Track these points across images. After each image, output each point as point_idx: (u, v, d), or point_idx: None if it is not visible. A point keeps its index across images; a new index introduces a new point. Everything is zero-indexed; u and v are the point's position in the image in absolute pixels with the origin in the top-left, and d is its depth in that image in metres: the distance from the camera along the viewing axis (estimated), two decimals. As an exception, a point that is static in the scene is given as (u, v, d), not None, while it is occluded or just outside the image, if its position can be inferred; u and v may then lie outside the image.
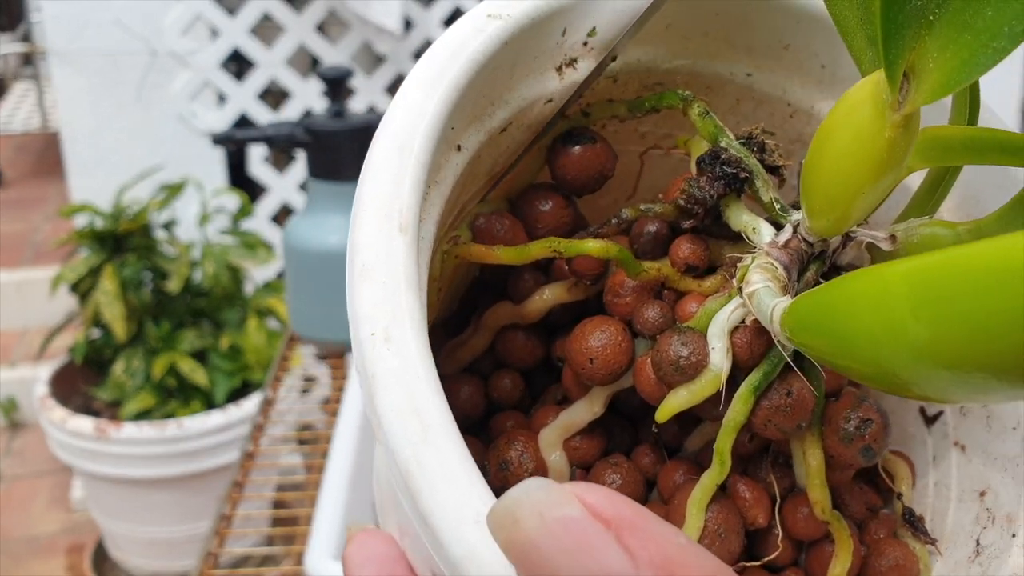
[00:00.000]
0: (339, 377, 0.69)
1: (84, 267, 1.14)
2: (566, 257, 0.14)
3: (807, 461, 0.14)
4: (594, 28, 0.14)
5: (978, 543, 0.15)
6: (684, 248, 0.14)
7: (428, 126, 0.12)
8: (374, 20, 1.33)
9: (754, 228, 0.14)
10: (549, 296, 0.15)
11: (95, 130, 1.38)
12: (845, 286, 0.10)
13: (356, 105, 1.46)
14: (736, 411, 0.13)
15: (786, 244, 0.13)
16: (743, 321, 0.13)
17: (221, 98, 1.41)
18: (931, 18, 0.10)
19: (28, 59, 2.98)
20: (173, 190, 1.21)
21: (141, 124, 1.39)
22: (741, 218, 0.14)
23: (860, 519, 0.16)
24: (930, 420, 0.17)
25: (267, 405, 0.65)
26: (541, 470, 0.15)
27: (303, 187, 1.46)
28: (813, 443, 0.14)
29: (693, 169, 0.15)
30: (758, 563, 0.15)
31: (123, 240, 1.16)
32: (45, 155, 2.68)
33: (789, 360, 0.13)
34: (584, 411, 0.15)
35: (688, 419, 0.14)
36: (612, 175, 0.16)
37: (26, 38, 2.77)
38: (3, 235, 2.04)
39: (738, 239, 0.14)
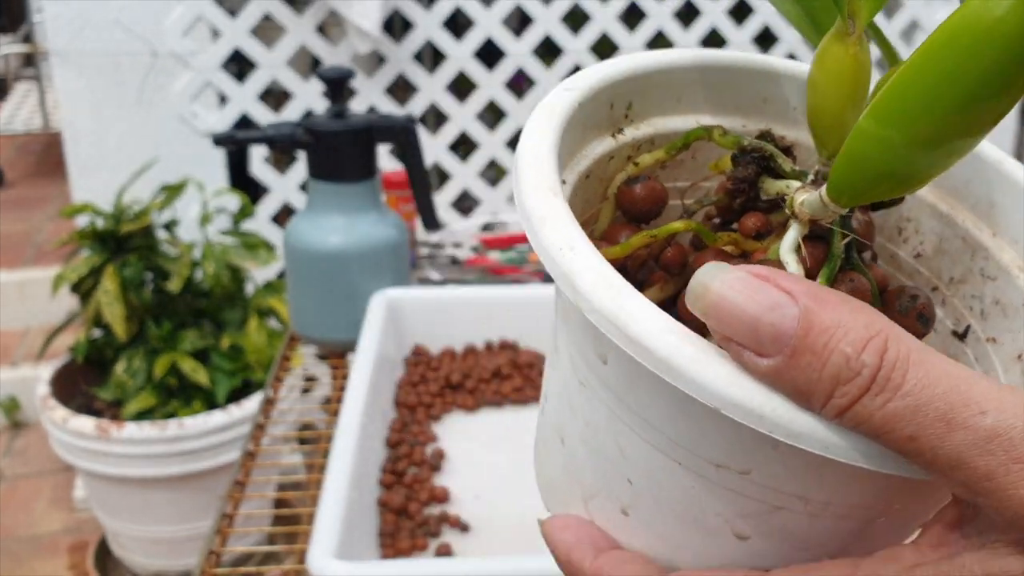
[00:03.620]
0: (340, 377, 0.69)
1: (85, 267, 1.15)
2: (659, 240, 0.18)
3: None
4: (630, 103, 0.20)
5: None
6: (751, 220, 0.19)
7: (549, 147, 0.17)
8: (353, 21, 1.34)
9: (787, 185, 0.18)
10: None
11: (96, 131, 1.38)
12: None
13: (357, 106, 1.46)
14: None
15: (813, 181, 0.17)
16: (801, 241, 0.17)
17: (222, 99, 1.42)
18: None
19: (29, 60, 2.98)
20: (174, 190, 1.21)
21: (142, 124, 1.39)
22: (776, 185, 0.18)
23: None
24: (962, 336, 0.19)
25: (268, 404, 0.65)
26: None
27: (303, 188, 1.46)
28: None
29: (729, 167, 0.19)
30: None
31: (124, 240, 1.17)
32: (46, 155, 2.68)
33: (838, 230, 0.17)
34: None
35: None
36: (666, 204, 0.20)
37: (27, 39, 2.77)
38: (5, 235, 2.04)
39: (777, 208, 0.18)
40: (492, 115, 1.59)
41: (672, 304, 0.18)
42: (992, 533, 0.14)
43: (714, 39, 1.66)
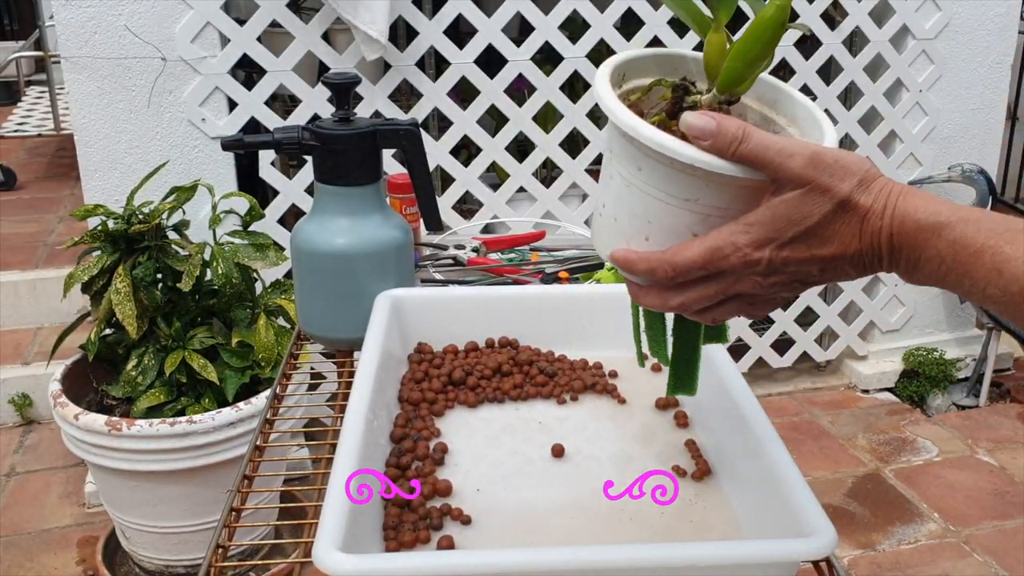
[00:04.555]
0: (346, 374, 0.71)
1: (96, 267, 1.17)
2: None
3: None
4: (624, 74, 0.40)
5: None
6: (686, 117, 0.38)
7: (607, 85, 0.38)
8: (362, 28, 1.36)
9: (696, 97, 0.39)
10: None
11: (107, 134, 1.41)
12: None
13: (362, 111, 1.49)
14: None
15: (708, 91, 0.39)
16: None
17: (231, 104, 1.44)
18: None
19: (40, 65, 3.01)
20: (184, 193, 1.23)
21: (153, 128, 1.42)
22: (691, 98, 0.39)
23: None
24: None
25: (276, 401, 0.67)
26: None
27: (309, 191, 1.48)
28: None
29: (669, 99, 0.39)
30: None
31: (135, 241, 1.19)
32: (58, 158, 2.71)
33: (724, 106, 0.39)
34: None
35: None
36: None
37: (38, 44, 2.80)
38: (17, 236, 2.07)
39: (691, 108, 0.39)
40: (493, 120, 1.61)
41: None
42: (785, 190, 0.35)
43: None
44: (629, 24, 1.60)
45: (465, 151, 1.68)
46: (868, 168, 0.34)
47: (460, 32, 1.60)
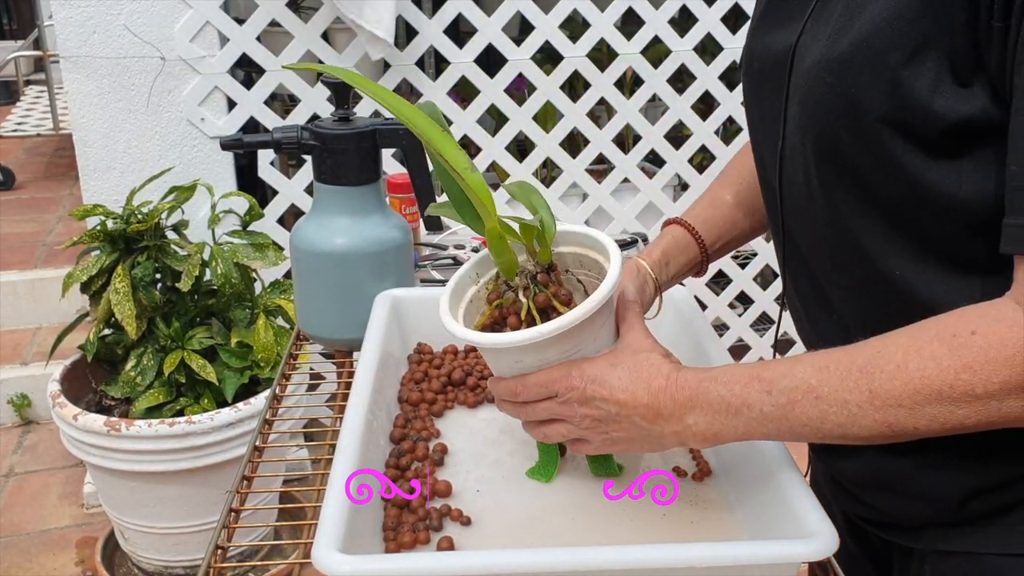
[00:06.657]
0: (345, 374, 0.71)
1: (95, 267, 1.17)
2: (502, 308, 0.52)
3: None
4: (477, 273, 0.54)
5: None
6: (538, 296, 0.51)
7: (447, 303, 0.51)
8: (367, 28, 1.36)
9: (535, 280, 0.51)
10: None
11: (106, 133, 1.40)
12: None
13: (361, 111, 1.49)
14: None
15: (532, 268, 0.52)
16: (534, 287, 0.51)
17: (230, 103, 1.44)
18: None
19: (39, 64, 3.01)
20: (183, 193, 1.23)
21: (151, 128, 1.42)
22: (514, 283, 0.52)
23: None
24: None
25: (275, 401, 0.67)
26: None
27: (309, 191, 1.48)
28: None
29: (520, 281, 0.51)
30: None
31: (134, 240, 1.19)
32: (56, 158, 2.71)
33: (543, 289, 0.51)
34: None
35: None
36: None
37: (37, 44, 2.80)
38: (16, 236, 2.07)
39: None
40: (493, 120, 1.61)
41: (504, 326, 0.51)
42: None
43: (709, 45, 1.67)
44: (629, 24, 1.60)
45: (464, 150, 1.68)
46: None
47: (460, 31, 1.60)
